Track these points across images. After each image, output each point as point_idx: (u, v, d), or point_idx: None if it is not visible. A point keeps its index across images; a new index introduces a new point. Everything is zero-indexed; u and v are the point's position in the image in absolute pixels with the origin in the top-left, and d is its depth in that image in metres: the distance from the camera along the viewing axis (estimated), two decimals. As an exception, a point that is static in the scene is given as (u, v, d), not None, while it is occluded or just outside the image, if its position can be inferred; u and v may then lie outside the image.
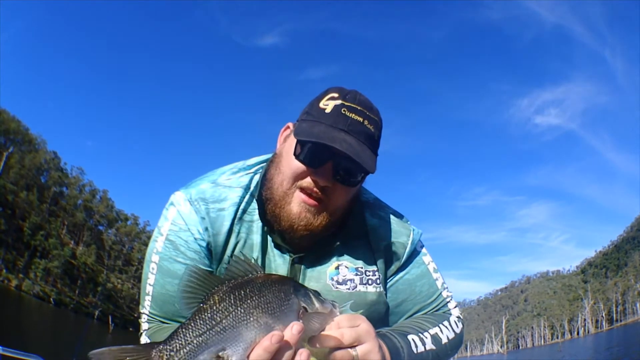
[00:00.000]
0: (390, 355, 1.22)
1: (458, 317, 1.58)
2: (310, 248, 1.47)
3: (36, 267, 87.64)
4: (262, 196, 1.44)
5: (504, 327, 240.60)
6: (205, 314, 0.93)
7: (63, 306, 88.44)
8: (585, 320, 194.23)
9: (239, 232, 1.46)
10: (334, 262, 1.49)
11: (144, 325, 1.48)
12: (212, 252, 1.45)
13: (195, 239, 1.42)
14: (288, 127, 1.52)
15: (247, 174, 1.54)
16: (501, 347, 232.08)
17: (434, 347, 1.39)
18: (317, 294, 1.08)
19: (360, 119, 1.35)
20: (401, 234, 1.55)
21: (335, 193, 1.36)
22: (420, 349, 1.35)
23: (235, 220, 1.45)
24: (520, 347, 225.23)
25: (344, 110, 1.35)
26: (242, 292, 0.97)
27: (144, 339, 1.44)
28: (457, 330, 1.52)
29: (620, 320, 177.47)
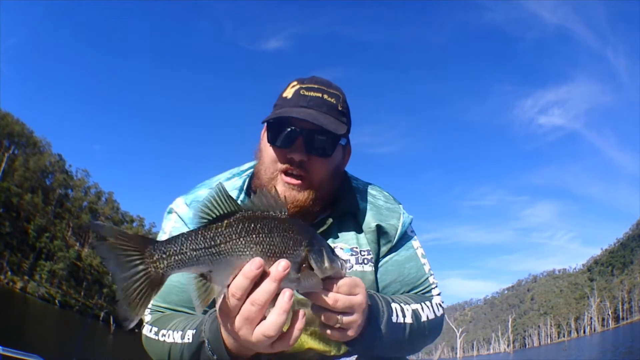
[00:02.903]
0: (368, 314, 1.22)
1: (439, 303, 1.59)
2: None
3: (41, 269, 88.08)
4: (252, 189, 1.53)
5: (510, 326, 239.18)
6: (209, 232, 0.94)
7: (68, 308, 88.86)
8: (591, 318, 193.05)
9: None
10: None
11: (147, 318, 1.51)
12: None
13: None
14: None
15: (240, 178, 1.62)
16: (507, 346, 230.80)
17: (412, 321, 1.39)
18: (331, 250, 1.07)
19: (319, 94, 1.46)
20: (391, 216, 1.59)
21: (314, 166, 1.43)
22: (400, 319, 1.35)
23: None
24: (527, 346, 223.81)
25: (302, 92, 1.47)
26: (252, 226, 0.97)
27: (146, 329, 1.47)
28: (438, 314, 1.53)
29: (627, 319, 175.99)
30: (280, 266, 0.94)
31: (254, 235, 0.96)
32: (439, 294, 1.63)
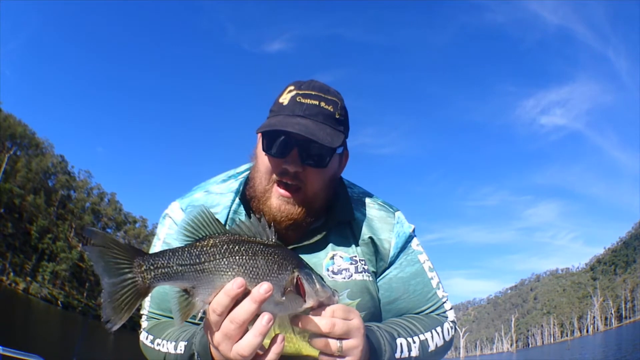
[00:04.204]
0: (370, 353, 1.20)
1: (453, 321, 1.56)
2: (300, 239, 1.49)
3: (44, 270, 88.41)
4: (247, 195, 1.50)
5: (513, 326, 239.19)
6: (195, 250, 0.98)
7: (71, 309, 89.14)
8: (594, 317, 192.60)
9: None
10: (329, 252, 1.50)
11: (144, 324, 1.55)
12: None
13: None
14: None
15: (236, 180, 1.61)
16: (511, 345, 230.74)
17: (418, 354, 1.37)
18: (321, 278, 1.08)
19: (316, 102, 1.41)
20: (383, 229, 1.55)
21: (309, 177, 1.40)
22: (405, 354, 1.33)
23: (228, 220, 1.52)
24: (530, 346, 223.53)
25: (299, 99, 1.41)
26: (236, 248, 0.99)
27: (143, 335, 1.50)
28: (448, 338, 1.50)
29: (630, 317, 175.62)
30: (262, 288, 0.95)
31: (237, 257, 0.98)
32: (451, 308, 1.58)
